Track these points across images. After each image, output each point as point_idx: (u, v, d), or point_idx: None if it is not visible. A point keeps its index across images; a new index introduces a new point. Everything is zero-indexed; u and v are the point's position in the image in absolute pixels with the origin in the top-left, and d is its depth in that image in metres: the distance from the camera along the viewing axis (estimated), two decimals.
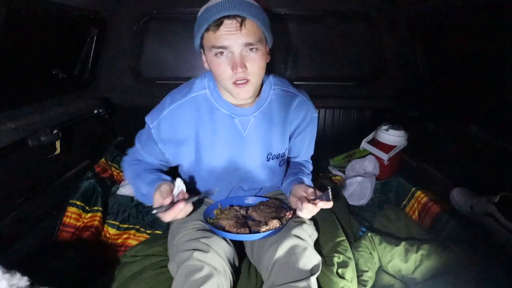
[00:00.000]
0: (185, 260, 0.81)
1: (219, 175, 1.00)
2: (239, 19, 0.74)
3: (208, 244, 0.84)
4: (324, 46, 1.85)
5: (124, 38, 1.72)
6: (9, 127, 1.03)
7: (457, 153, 1.42)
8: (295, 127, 1.02)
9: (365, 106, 1.94)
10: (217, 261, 0.82)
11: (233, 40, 0.75)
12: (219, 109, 0.91)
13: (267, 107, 0.94)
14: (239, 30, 0.74)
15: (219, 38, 0.75)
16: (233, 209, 0.98)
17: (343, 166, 1.83)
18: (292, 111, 0.98)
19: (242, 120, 0.93)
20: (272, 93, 0.96)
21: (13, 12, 0.96)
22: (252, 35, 0.76)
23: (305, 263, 0.82)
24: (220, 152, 0.95)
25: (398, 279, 1.09)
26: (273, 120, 0.95)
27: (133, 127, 1.09)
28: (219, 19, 0.74)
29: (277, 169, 1.05)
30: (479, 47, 1.25)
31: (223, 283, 0.80)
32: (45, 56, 1.29)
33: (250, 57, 0.78)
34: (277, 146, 0.99)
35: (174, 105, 0.90)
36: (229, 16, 0.74)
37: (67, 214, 1.30)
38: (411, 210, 1.45)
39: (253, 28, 0.77)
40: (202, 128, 0.92)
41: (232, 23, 0.74)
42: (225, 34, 0.75)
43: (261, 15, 0.79)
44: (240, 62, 0.77)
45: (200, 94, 0.92)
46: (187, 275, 0.78)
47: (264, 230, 0.84)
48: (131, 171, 1.00)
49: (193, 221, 0.94)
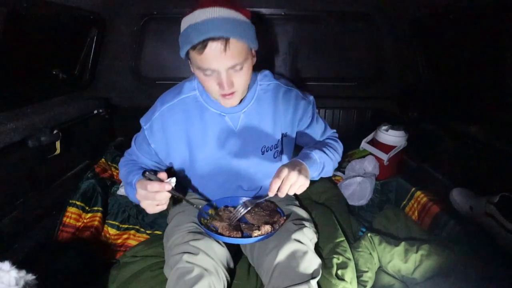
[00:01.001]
0: (176, 263, 0.82)
1: (216, 173, 1.01)
2: (223, 41, 0.72)
3: (197, 247, 0.84)
4: (324, 46, 1.85)
5: (124, 38, 1.72)
6: (9, 127, 1.04)
7: (457, 153, 1.42)
8: (290, 118, 1.00)
9: (365, 106, 1.94)
10: (208, 262, 0.83)
11: (218, 63, 0.75)
12: (209, 109, 0.93)
13: (255, 102, 0.96)
14: (223, 53, 0.73)
15: (204, 61, 0.75)
16: (228, 210, 0.98)
17: (343, 166, 1.83)
18: (281, 103, 0.98)
19: (233, 117, 0.94)
20: (259, 88, 0.97)
21: (13, 12, 0.97)
22: (237, 56, 0.75)
23: (306, 267, 0.83)
24: (214, 149, 0.97)
25: (398, 279, 1.09)
26: (262, 113, 0.97)
27: (133, 127, 1.10)
28: (203, 40, 0.72)
29: (272, 162, 1.03)
30: (479, 47, 1.26)
31: (215, 284, 0.80)
32: (45, 56, 1.29)
33: (236, 75, 0.79)
34: (270, 138, 0.99)
35: (165, 106, 0.93)
36: (214, 38, 0.71)
37: (67, 214, 1.29)
38: (411, 210, 1.45)
39: (237, 48, 0.75)
40: (192, 128, 0.94)
41: (217, 46, 0.72)
42: (210, 58, 0.74)
43: (245, 30, 0.76)
44: (227, 81, 0.78)
45: (190, 96, 0.94)
46: (178, 277, 0.79)
47: (256, 235, 0.84)
48: (126, 168, 1.01)
49: (185, 224, 0.95)
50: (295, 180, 0.78)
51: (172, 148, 0.97)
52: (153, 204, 0.79)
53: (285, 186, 0.78)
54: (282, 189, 0.79)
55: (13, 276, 0.55)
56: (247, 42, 0.76)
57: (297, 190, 0.80)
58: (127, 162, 1.03)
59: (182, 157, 0.99)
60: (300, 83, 1.86)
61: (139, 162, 1.03)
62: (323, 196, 1.49)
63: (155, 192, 0.77)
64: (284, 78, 1.04)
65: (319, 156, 0.92)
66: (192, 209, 0.98)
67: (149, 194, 0.77)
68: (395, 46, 1.77)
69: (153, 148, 0.97)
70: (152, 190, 0.77)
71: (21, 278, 0.57)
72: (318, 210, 1.29)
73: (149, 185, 0.77)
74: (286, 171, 0.78)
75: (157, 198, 0.78)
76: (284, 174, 0.78)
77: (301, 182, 0.79)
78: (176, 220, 1.00)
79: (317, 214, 1.26)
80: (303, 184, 0.80)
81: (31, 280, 0.58)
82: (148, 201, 0.79)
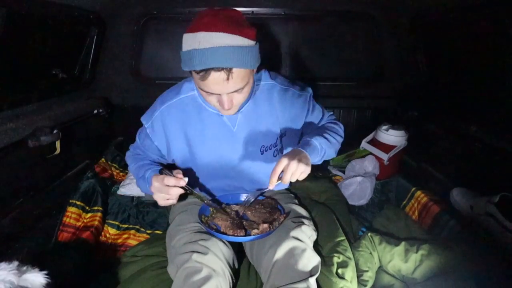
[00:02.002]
0: (184, 262, 0.82)
1: (216, 172, 1.02)
2: (226, 71, 0.72)
3: (207, 247, 0.85)
4: (324, 46, 1.85)
5: (124, 38, 1.72)
6: (9, 127, 1.03)
7: (457, 153, 1.42)
8: (289, 115, 1.01)
9: (365, 106, 1.94)
10: (216, 263, 0.83)
11: (220, 89, 0.76)
12: (207, 108, 0.94)
13: (252, 102, 0.96)
14: (226, 81, 0.73)
15: (206, 86, 0.76)
16: (229, 208, 0.98)
17: (343, 166, 1.83)
18: (277, 102, 0.98)
19: (230, 117, 0.95)
20: (256, 88, 0.97)
21: (13, 12, 0.96)
22: (239, 82, 0.76)
23: (304, 265, 0.83)
24: (212, 148, 0.98)
25: (398, 279, 1.09)
26: (260, 113, 0.97)
27: (133, 127, 1.10)
28: (206, 69, 0.72)
29: (273, 161, 1.03)
30: (479, 47, 1.26)
31: (222, 285, 0.80)
32: (45, 56, 1.29)
33: (237, 95, 0.81)
34: (268, 137, 1.00)
35: (164, 106, 0.95)
36: (217, 68, 0.71)
37: (67, 214, 1.29)
38: (411, 210, 1.45)
39: (240, 76, 0.75)
40: (190, 127, 0.96)
41: (220, 75, 0.72)
42: (212, 85, 0.75)
43: (249, 56, 0.74)
44: (228, 102, 0.80)
45: (188, 96, 0.95)
46: (186, 277, 0.79)
47: (254, 234, 0.86)
48: (135, 162, 1.05)
49: (190, 223, 0.96)
50: (295, 168, 0.80)
51: (172, 147, 0.99)
52: (165, 198, 0.84)
53: (287, 175, 0.81)
54: (284, 178, 0.81)
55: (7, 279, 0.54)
56: (250, 67, 0.77)
57: (299, 176, 0.82)
58: (134, 157, 1.07)
59: (182, 155, 1.00)
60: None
61: (144, 156, 1.05)
62: (323, 196, 1.49)
63: (170, 186, 0.81)
64: (280, 76, 1.04)
65: (319, 142, 0.94)
66: (195, 209, 0.99)
67: (163, 187, 0.82)
68: (396, 46, 1.77)
69: (156, 145, 1.00)
70: (168, 183, 0.81)
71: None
72: (318, 209, 1.29)
73: (165, 178, 0.81)
74: (286, 161, 0.81)
75: (170, 192, 0.82)
76: (284, 164, 0.81)
77: (301, 169, 0.81)
78: (179, 219, 1.00)
79: (317, 214, 1.26)
80: (303, 171, 0.82)
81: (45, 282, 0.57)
82: (162, 194, 0.83)
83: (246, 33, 0.74)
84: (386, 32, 1.75)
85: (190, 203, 1.07)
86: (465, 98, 1.40)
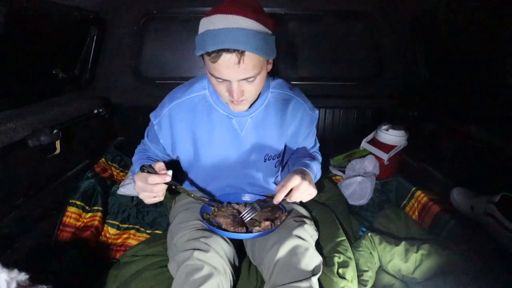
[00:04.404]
0: (185, 259, 0.81)
1: (219, 173, 1.02)
2: (238, 54, 0.70)
3: (208, 244, 0.84)
4: (324, 46, 1.85)
5: (124, 38, 1.72)
6: (9, 127, 1.03)
7: (457, 153, 1.41)
8: (294, 130, 1.02)
9: (365, 106, 1.94)
10: (218, 261, 0.83)
11: (231, 74, 0.74)
12: (217, 109, 0.93)
13: (264, 109, 0.95)
14: (237, 65, 0.72)
15: (217, 70, 0.74)
16: (230, 206, 0.99)
17: (343, 166, 1.83)
18: (289, 114, 0.99)
19: (240, 121, 0.94)
20: (270, 96, 0.96)
21: (13, 12, 0.96)
22: (251, 70, 0.74)
23: (307, 264, 0.83)
24: (217, 150, 0.97)
25: (398, 279, 1.09)
26: (269, 122, 0.96)
27: (133, 127, 1.10)
28: (218, 50, 0.70)
29: (272, 171, 1.06)
30: (479, 46, 1.25)
31: (223, 283, 0.80)
32: (45, 56, 1.29)
33: (247, 85, 0.79)
34: (273, 147, 1.00)
35: (173, 103, 0.93)
36: (229, 50, 0.70)
37: (67, 214, 1.29)
38: (411, 210, 1.45)
39: (252, 62, 0.73)
40: (199, 127, 0.94)
41: (231, 57, 0.71)
42: (223, 68, 0.73)
43: (263, 43, 0.73)
44: (237, 91, 0.78)
45: (199, 95, 0.94)
46: (188, 274, 0.78)
47: (256, 231, 0.85)
48: (138, 155, 1.04)
49: (192, 221, 0.95)
50: (306, 189, 0.81)
51: (178, 145, 0.98)
52: (151, 196, 0.80)
53: (296, 194, 0.81)
54: (293, 196, 0.82)
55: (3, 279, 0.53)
56: (263, 55, 0.74)
57: (305, 198, 0.83)
58: (141, 150, 1.06)
59: (187, 154, 1.00)
60: (300, 83, 1.86)
61: (150, 152, 1.05)
62: (323, 196, 1.49)
63: (154, 184, 0.77)
64: (297, 89, 1.03)
65: (317, 168, 0.97)
66: (197, 207, 0.99)
67: (147, 186, 0.78)
68: (396, 45, 1.77)
69: (162, 143, 0.99)
70: (152, 182, 0.77)
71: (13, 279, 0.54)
72: (318, 209, 1.29)
73: (149, 177, 0.77)
74: (299, 180, 0.81)
75: (155, 190, 0.78)
76: (296, 183, 0.81)
77: (310, 191, 0.83)
78: (181, 217, 1.00)
79: (317, 214, 1.26)
80: (311, 193, 0.83)
81: (24, 280, 0.56)
82: (146, 193, 0.79)
83: (263, 20, 0.73)
84: (386, 32, 1.75)
85: (192, 201, 1.06)
86: (465, 98, 1.40)
